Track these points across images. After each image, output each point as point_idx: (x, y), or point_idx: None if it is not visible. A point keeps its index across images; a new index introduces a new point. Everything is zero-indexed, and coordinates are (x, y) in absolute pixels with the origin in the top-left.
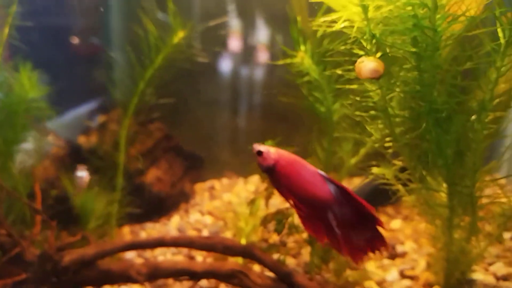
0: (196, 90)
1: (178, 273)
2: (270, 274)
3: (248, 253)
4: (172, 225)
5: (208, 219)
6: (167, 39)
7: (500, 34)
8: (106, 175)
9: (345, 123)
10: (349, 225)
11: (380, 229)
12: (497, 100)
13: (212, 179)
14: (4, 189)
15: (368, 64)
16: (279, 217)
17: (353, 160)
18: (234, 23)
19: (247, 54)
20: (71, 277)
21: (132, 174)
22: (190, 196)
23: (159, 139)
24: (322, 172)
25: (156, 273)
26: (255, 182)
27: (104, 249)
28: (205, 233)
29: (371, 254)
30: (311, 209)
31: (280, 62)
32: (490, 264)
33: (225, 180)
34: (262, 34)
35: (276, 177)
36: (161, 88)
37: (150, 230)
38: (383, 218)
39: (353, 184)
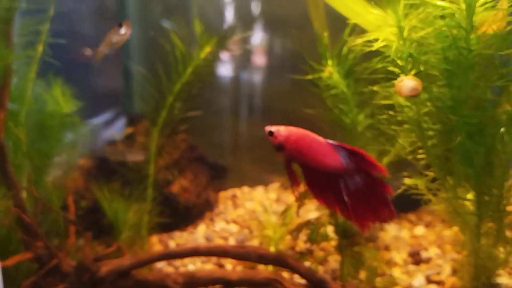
0: (215, 100)
1: (214, 282)
2: (302, 281)
3: (281, 261)
4: (199, 234)
5: (234, 227)
6: (193, 53)
7: None
8: (136, 185)
9: (369, 133)
10: (359, 194)
11: (388, 198)
12: None
13: (233, 188)
14: (39, 201)
15: (408, 83)
16: (313, 227)
17: None
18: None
19: (269, 65)
20: (108, 287)
21: (160, 185)
22: (214, 205)
23: (185, 150)
24: (332, 141)
25: (192, 282)
26: (276, 190)
27: (140, 259)
28: (232, 241)
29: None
30: (323, 179)
31: (309, 77)
32: None
33: (245, 189)
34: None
35: (288, 153)
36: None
37: (178, 239)
38: (406, 224)
39: None
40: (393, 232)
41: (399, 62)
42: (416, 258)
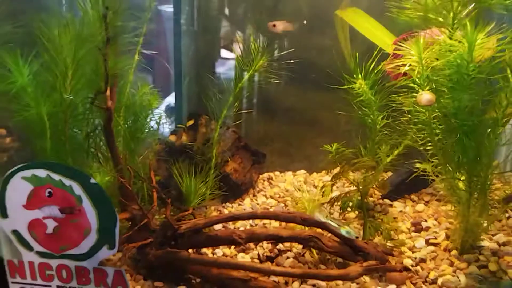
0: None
1: (269, 238)
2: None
3: (320, 224)
4: (245, 206)
5: (272, 202)
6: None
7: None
8: (200, 165)
9: (385, 131)
10: None
11: None
12: (506, 119)
13: (267, 172)
14: (132, 174)
15: (426, 96)
16: (346, 199)
17: (388, 159)
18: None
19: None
20: (186, 241)
21: (217, 166)
22: (255, 184)
23: (234, 140)
24: None
25: (252, 237)
26: (302, 175)
27: (212, 220)
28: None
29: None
30: None
31: (345, 87)
32: (494, 235)
33: (277, 173)
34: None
35: None
36: None
37: (229, 209)
38: (409, 202)
39: (387, 175)
40: (399, 207)
41: (418, 80)
42: (417, 227)
